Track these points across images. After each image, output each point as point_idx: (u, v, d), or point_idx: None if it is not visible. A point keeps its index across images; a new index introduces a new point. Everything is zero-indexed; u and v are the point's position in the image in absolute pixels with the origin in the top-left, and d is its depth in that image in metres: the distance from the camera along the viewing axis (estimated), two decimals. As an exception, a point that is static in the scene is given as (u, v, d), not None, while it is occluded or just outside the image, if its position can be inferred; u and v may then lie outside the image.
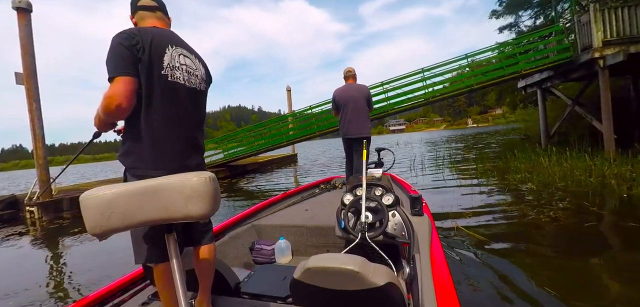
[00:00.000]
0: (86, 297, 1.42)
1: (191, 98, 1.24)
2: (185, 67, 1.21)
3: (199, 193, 0.81)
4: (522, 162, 7.46)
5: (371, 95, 3.75)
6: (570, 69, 8.18)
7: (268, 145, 11.43)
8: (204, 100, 1.35)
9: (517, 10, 16.28)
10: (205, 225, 1.33)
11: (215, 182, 0.87)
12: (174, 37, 1.23)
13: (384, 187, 2.07)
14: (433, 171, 8.15)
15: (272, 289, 1.61)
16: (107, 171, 31.00)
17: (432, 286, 1.17)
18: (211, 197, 0.83)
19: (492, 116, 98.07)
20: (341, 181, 3.86)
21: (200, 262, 1.30)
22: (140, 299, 1.50)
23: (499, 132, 29.06)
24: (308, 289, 1.10)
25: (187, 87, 1.21)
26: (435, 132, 69.03)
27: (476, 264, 2.57)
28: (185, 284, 0.94)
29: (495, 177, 6.42)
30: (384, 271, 1.06)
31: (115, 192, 0.79)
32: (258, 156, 13.94)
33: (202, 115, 1.34)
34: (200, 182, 0.82)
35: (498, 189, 5.41)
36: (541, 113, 10.71)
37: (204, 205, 0.82)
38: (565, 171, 5.90)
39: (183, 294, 0.91)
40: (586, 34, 7.45)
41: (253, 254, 2.28)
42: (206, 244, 1.32)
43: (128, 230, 0.86)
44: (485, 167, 7.73)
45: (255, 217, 2.62)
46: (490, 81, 8.89)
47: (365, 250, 1.67)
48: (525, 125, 17.70)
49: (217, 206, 0.88)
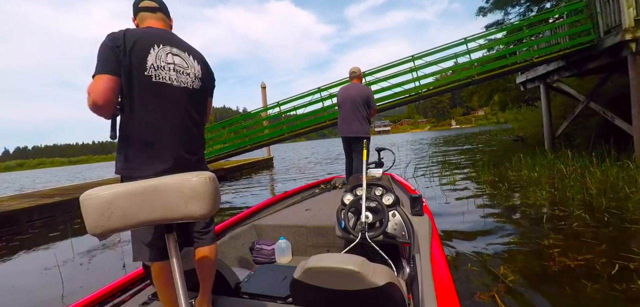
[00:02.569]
0: (86, 298, 1.40)
1: (181, 98, 1.21)
2: (173, 66, 1.19)
3: (199, 193, 0.82)
4: (534, 170, 6.03)
5: (372, 97, 3.64)
6: (589, 57, 6.79)
7: (230, 149, 9.54)
8: (200, 98, 1.31)
9: (506, 5, 15.21)
10: (206, 225, 1.34)
11: (215, 182, 0.87)
12: (165, 36, 1.21)
13: (384, 187, 2.05)
14: (428, 179, 6.62)
15: (272, 289, 1.61)
16: (61, 176, 28.34)
17: (432, 285, 1.16)
18: (211, 197, 0.84)
19: (474, 117, 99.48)
20: (341, 180, 3.82)
21: (201, 262, 1.31)
22: (140, 299, 1.50)
23: (487, 133, 28.15)
24: (308, 289, 1.12)
25: (175, 86, 1.19)
26: (420, 133, 68.47)
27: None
28: (185, 283, 0.94)
29: (506, 190, 4.89)
30: (384, 270, 1.07)
31: (115, 192, 0.80)
32: (224, 160, 11.99)
33: (198, 115, 1.29)
34: (200, 182, 0.82)
35: (518, 214, 3.85)
36: (545, 111, 9.37)
37: (203, 205, 0.82)
38: (602, 183, 4.45)
39: (183, 294, 0.92)
40: (612, 11, 6.07)
41: (253, 254, 2.25)
42: (207, 245, 1.32)
43: (128, 230, 0.86)
44: (490, 177, 6.22)
45: (256, 217, 2.60)
46: (493, 71, 7.37)
47: (366, 250, 1.66)
48: (518, 126, 16.63)
49: (217, 206, 0.88)
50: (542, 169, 6.13)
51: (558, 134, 9.20)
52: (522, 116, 16.39)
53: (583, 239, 2.80)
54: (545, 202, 4.08)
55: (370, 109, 3.59)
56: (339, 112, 3.65)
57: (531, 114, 15.34)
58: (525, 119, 15.59)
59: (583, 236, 2.86)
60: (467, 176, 6.98)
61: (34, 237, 5.27)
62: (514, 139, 16.17)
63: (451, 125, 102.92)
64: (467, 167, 8.49)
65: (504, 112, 26.52)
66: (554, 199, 4.14)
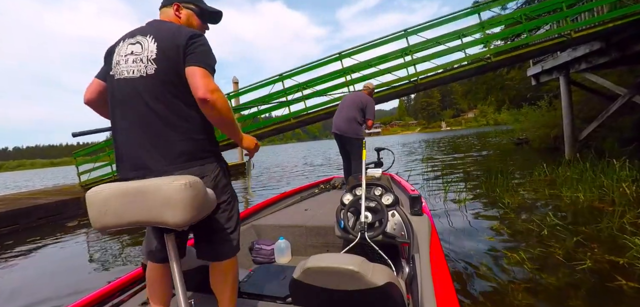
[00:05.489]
0: (85, 298, 1.39)
1: (137, 90, 1.03)
2: (130, 57, 1.05)
3: (171, 200, 0.81)
4: (574, 187, 4.24)
5: (372, 107, 3.62)
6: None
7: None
8: (158, 84, 1.03)
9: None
10: (215, 233, 1.14)
11: (194, 188, 0.84)
12: (141, 28, 1.11)
13: (384, 187, 2.05)
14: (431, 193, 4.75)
15: (272, 289, 1.59)
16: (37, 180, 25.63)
17: (432, 285, 1.15)
18: (187, 205, 0.81)
19: (464, 120, 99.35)
20: (340, 180, 3.76)
21: (212, 278, 1.17)
22: (140, 299, 1.51)
23: (482, 136, 26.57)
24: (307, 289, 1.11)
25: (131, 78, 1.04)
26: (411, 136, 66.90)
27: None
28: (185, 285, 0.96)
29: (552, 226, 3.03)
30: (383, 270, 1.06)
31: (110, 191, 0.85)
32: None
33: (163, 105, 1.03)
34: (175, 188, 0.81)
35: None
36: (566, 109, 7.64)
37: (177, 213, 0.81)
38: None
39: (182, 294, 0.93)
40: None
41: (252, 254, 2.22)
42: (217, 260, 1.15)
43: (121, 228, 0.87)
44: (512, 198, 4.36)
45: (255, 217, 2.59)
46: (517, 51, 5.45)
47: (365, 250, 1.64)
48: (520, 127, 15.05)
49: (199, 214, 0.87)
50: (586, 185, 4.33)
51: (583, 137, 7.48)
52: (524, 117, 14.86)
53: None
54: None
55: (367, 117, 3.58)
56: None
57: (534, 115, 13.85)
58: (528, 120, 14.08)
59: None
60: (479, 193, 5.11)
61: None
62: (515, 142, 14.60)
63: (441, 127, 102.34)
64: (473, 178, 6.64)
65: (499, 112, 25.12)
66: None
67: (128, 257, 3.63)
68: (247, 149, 1.23)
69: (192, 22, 1.20)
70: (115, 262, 3.55)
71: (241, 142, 1.18)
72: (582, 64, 6.82)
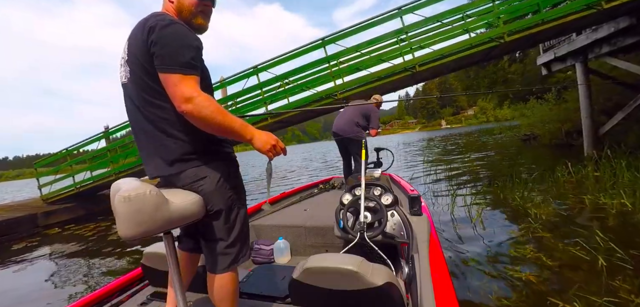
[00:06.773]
0: (85, 298, 1.38)
1: (129, 96, 1.01)
2: (121, 61, 1.01)
3: (117, 212, 0.78)
4: (615, 192, 3.40)
5: (376, 117, 3.56)
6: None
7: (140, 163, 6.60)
8: (139, 91, 0.95)
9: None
10: (212, 242, 1.03)
11: (135, 201, 0.78)
12: (138, 26, 0.99)
13: (383, 187, 2.03)
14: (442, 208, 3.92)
15: (271, 289, 1.59)
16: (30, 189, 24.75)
17: (431, 285, 1.13)
18: (125, 219, 0.77)
19: (464, 117, 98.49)
20: (340, 181, 3.74)
21: (208, 289, 1.07)
22: (139, 299, 1.49)
23: (485, 133, 25.61)
24: (307, 289, 1.11)
25: (123, 84, 1.01)
26: (412, 135, 65.70)
27: None
28: (182, 284, 0.96)
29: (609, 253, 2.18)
30: (382, 270, 1.06)
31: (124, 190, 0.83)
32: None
33: (149, 109, 0.96)
34: (117, 200, 0.78)
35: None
36: (584, 101, 6.78)
37: (120, 226, 0.79)
38: None
39: (181, 295, 0.92)
40: None
41: (252, 254, 2.18)
42: (210, 271, 1.05)
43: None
44: (544, 210, 3.50)
45: (254, 217, 2.56)
46: (535, 28, 4.51)
47: (364, 250, 1.62)
48: (526, 123, 14.19)
49: (142, 231, 0.79)
50: (626, 189, 3.49)
51: (604, 131, 6.62)
52: (531, 111, 14.01)
53: None
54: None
55: (371, 126, 3.54)
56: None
57: (541, 109, 13.03)
58: (535, 115, 13.24)
59: None
60: (495, 201, 4.25)
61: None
62: (522, 138, 13.74)
63: (441, 126, 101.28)
64: (485, 182, 5.76)
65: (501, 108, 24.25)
66: None
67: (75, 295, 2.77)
68: (260, 151, 1.00)
69: (183, 2, 1.00)
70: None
71: (251, 142, 0.99)
72: (603, 47, 5.96)
